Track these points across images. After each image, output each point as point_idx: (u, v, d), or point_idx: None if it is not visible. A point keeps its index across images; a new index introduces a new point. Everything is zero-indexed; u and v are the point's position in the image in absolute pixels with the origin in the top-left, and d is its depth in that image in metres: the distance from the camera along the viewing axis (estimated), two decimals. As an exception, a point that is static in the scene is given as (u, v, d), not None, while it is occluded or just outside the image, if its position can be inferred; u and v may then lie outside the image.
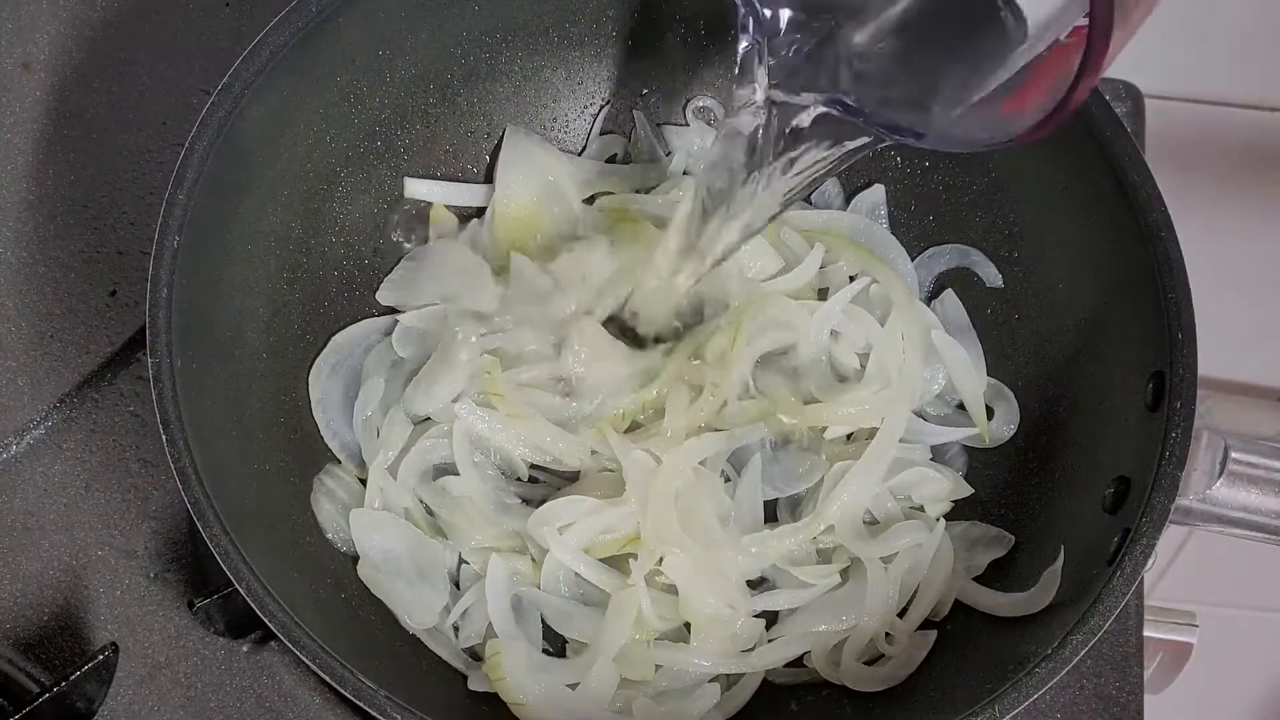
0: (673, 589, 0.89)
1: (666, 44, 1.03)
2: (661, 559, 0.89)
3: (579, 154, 1.04)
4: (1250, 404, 1.37)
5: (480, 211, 1.01)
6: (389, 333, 0.97)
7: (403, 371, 0.96)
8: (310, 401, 0.94)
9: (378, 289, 0.98)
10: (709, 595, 0.88)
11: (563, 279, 0.97)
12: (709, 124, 1.05)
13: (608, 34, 1.02)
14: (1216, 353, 0.90)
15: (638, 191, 1.03)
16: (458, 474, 0.92)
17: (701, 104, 1.05)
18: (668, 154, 1.04)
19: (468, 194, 1.02)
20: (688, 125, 1.05)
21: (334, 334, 0.96)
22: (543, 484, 0.94)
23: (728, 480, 0.94)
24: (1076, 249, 0.93)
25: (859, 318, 0.98)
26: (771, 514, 0.95)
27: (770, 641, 0.90)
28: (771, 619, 0.92)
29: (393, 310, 0.98)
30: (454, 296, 0.96)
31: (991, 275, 1.00)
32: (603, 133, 1.05)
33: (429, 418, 0.94)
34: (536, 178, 1.01)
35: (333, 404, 0.94)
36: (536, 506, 0.91)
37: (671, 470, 0.90)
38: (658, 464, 0.90)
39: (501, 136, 1.02)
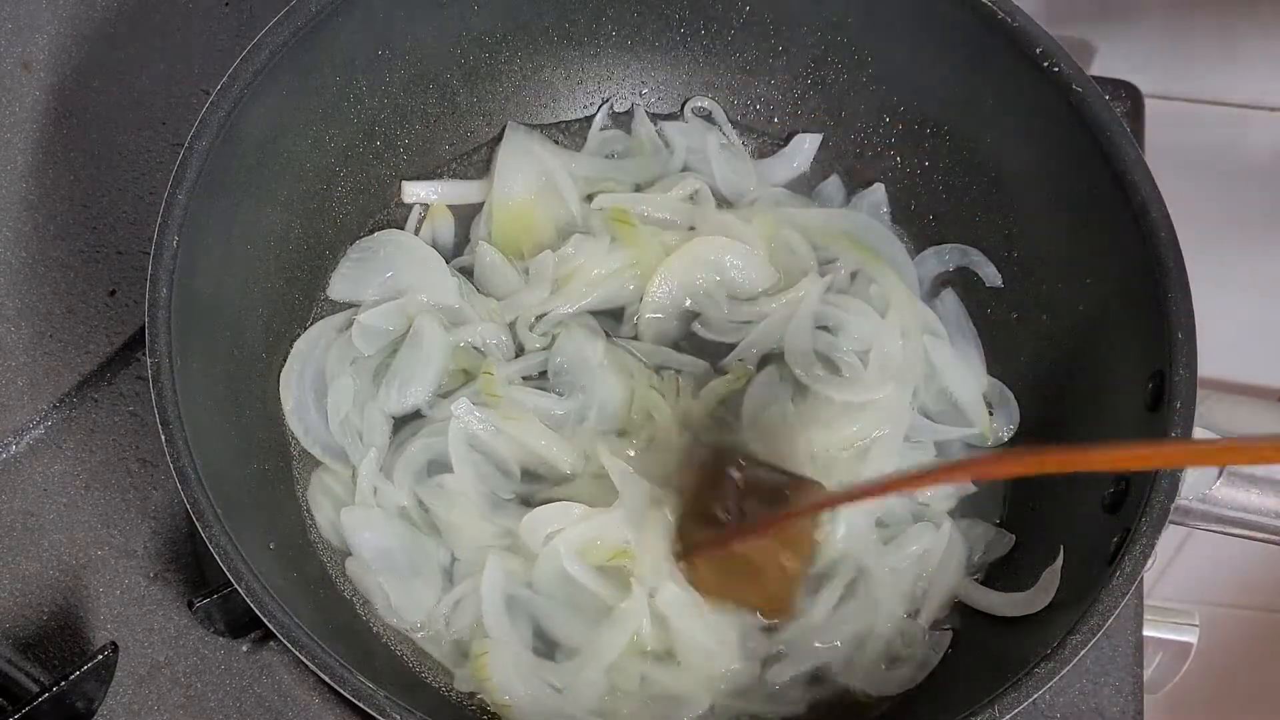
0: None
1: (666, 44, 1.03)
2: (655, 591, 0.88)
3: (579, 151, 1.04)
4: (1250, 404, 1.37)
5: (479, 209, 1.01)
6: (344, 329, 0.95)
7: (368, 368, 0.94)
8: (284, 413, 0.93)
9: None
10: (702, 635, 0.87)
11: (536, 274, 0.97)
12: (708, 121, 1.05)
13: (607, 34, 1.02)
14: (1216, 353, 0.89)
15: (638, 187, 1.03)
16: (453, 471, 0.91)
17: (700, 104, 1.05)
18: (668, 150, 1.04)
19: (466, 192, 1.02)
20: (687, 123, 1.05)
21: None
22: (540, 481, 0.94)
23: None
24: (1076, 249, 0.93)
25: (859, 311, 0.98)
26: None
27: (778, 659, 0.89)
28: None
29: (344, 305, 0.96)
30: (410, 289, 0.96)
31: (991, 275, 0.99)
32: (602, 129, 1.05)
33: (412, 415, 0.94)
34: (536, 175, 1.01)
35: (308, 410, 0.92)
36: (532, 504, 0.90)
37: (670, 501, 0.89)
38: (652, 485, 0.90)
39: (500, 136, 1.02)
